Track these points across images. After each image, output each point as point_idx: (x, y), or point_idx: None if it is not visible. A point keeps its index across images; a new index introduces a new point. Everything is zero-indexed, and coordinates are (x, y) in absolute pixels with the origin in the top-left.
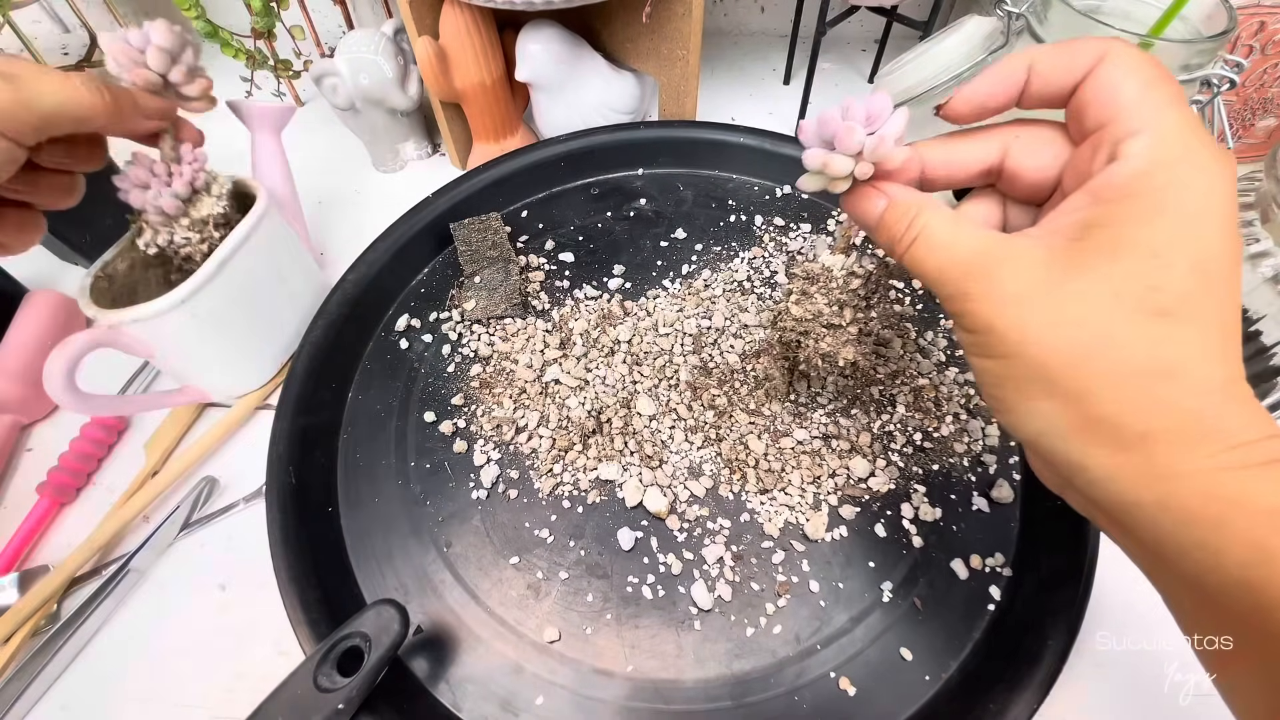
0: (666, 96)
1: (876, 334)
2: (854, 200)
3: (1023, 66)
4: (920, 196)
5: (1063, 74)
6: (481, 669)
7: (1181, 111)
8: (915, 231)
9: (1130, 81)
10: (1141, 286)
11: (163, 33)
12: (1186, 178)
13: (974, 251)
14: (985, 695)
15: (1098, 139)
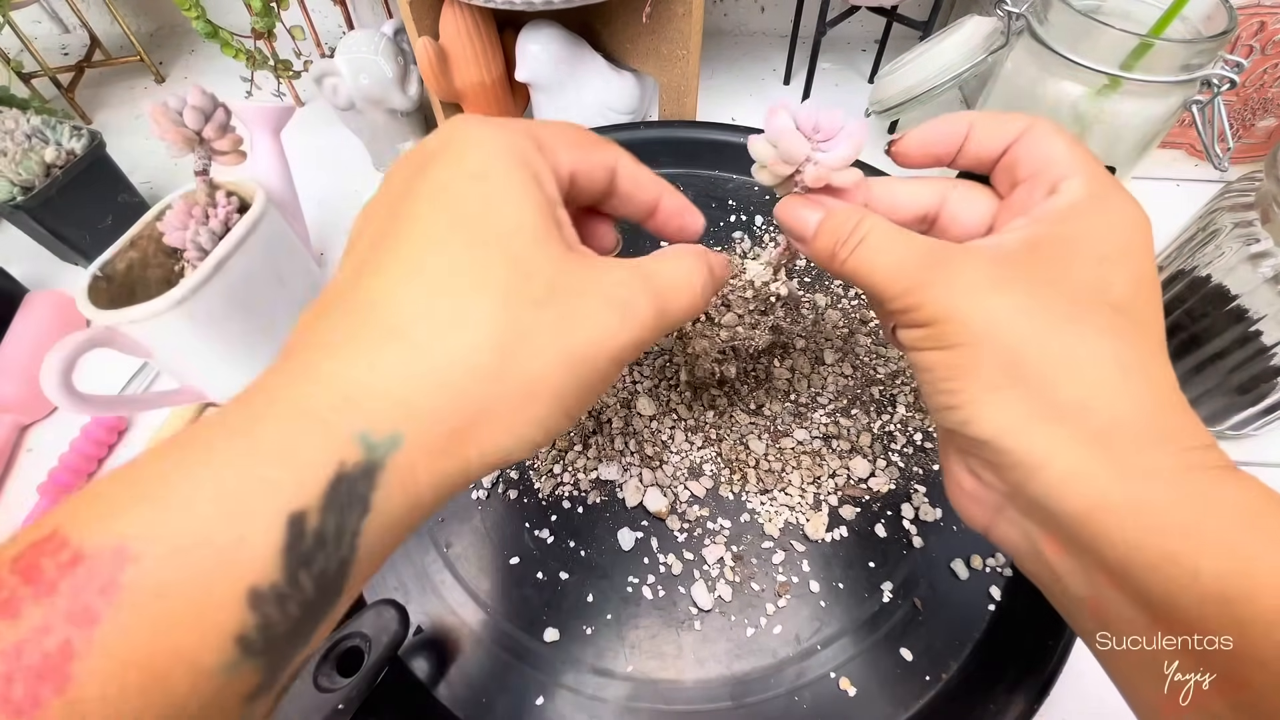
0: (666, 96)
1: None
2: (788, 208)
3: (964, 123)
4: (861, 208)
5: (996, 137)
6: (481, 669)
7: (1101, 167)
8: (859, 237)
9: (1057, 141)
10: (1096, 281)
11: (197, 95)
12: (1119, 208)
13: (925, 251)
14: (985, 695)
15: (1032, 183)
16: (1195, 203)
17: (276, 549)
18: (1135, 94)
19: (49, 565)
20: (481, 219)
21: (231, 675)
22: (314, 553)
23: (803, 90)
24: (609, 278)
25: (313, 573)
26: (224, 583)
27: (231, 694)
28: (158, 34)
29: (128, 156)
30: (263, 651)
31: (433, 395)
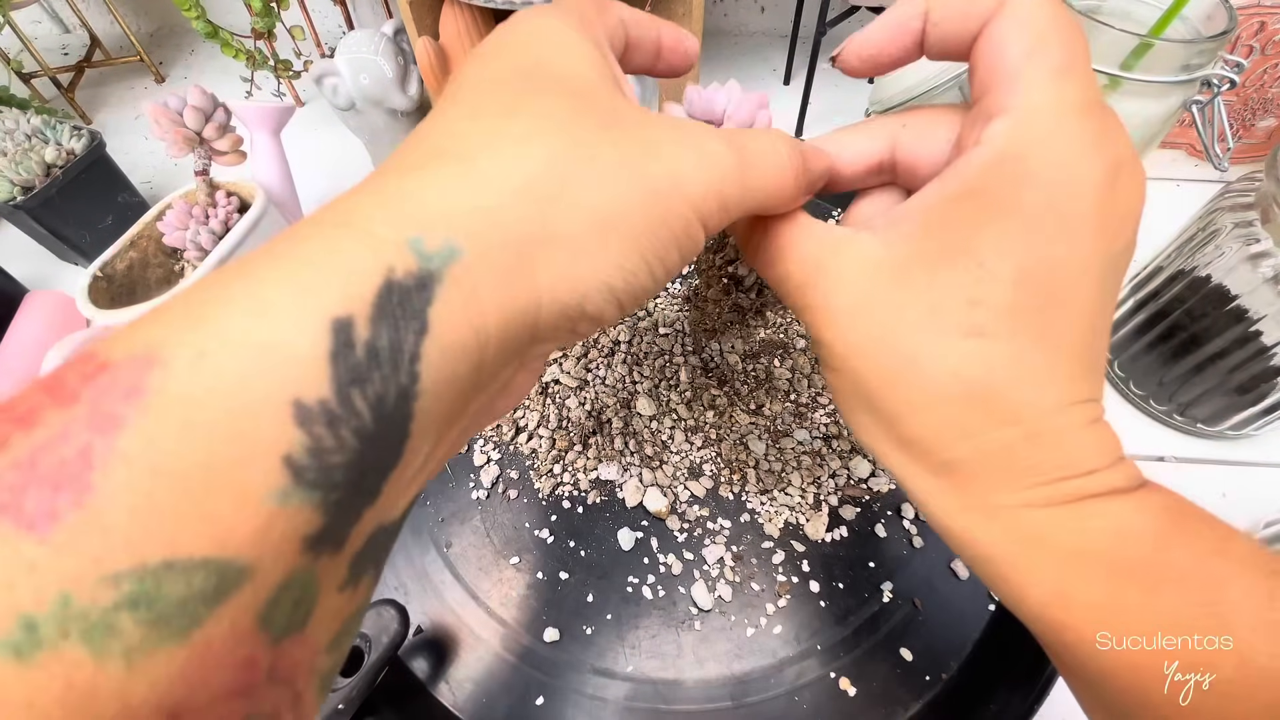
0: (666, 96)
1: None
2: None
3: (918, 13)
4: None
5: (959, 22)
6: (481, 669)
7: (1062, 84)
8: (760, 233)
9: (1016, 41)
10: (960, 301)
11: (197, 96)
12: (1038, 171)
13: (810, 255)
14: (985, 695)
15: (974, 115)
16: (1195, 203)
17: (322, 356)
18: (1135, 94)
19: (72, 376)
20: (539, 66)
21: (284, 506)
22: (367, 370)
23: (803, 90)
24: (682, 123)
25: (368, 396)
26: (263, 390)
27: (290, 534)
28: (158, 34)
29: (128, 156)
30: (317, 483)
31: (493, 211)
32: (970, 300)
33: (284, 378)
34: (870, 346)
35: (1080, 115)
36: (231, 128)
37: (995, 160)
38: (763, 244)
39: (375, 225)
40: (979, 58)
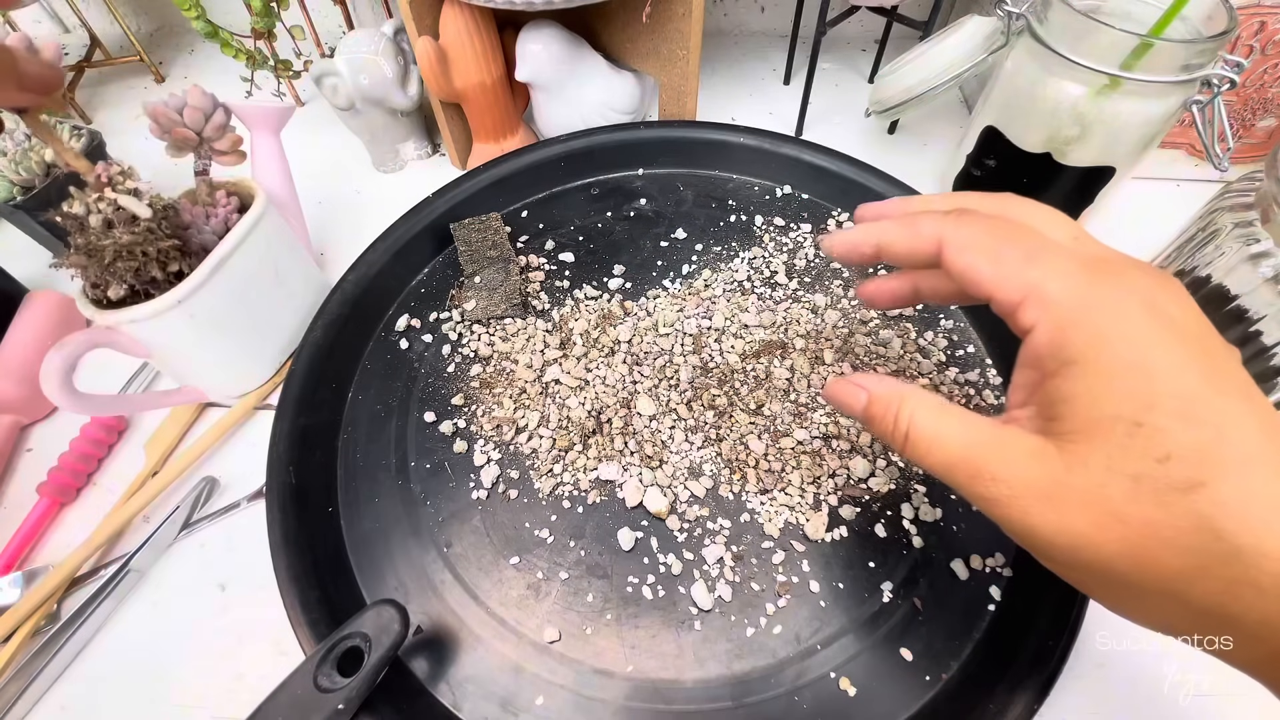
0: (666, 96)
1: (875, 334)
2: (835, 393)
3: (870, 244)
4: (897, 387)
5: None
6: (481, 669)
7: (1047, 266)
8: (904, 428)
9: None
10: (1150, 462)
11: (196, 95)
12: (1100, 327)
13: (966, 446)
14: (985, 695)
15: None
16: (1195, 203)
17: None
18: (1135, 94)
19: None
20: None
21: None
22: None
23: (803, 90)
24: None
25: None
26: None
27: None
28: (158, 34)
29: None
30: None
31: None
32: (1159, 458)
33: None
34: (1098, 534)
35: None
36: (231, 128)
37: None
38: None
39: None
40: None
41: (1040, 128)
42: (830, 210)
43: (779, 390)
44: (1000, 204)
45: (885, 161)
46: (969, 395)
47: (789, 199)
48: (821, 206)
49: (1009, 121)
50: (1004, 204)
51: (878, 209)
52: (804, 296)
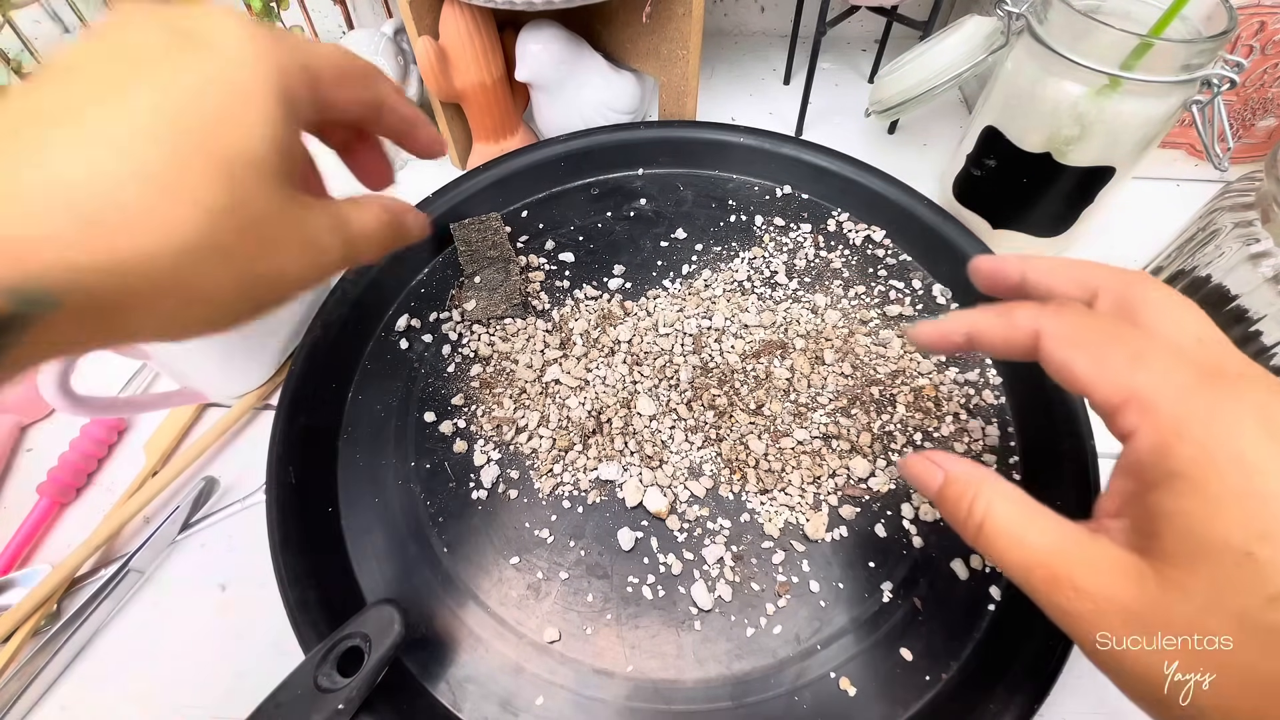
0: (666, 96)
1: (876, 335)
2: (911, 470)
3: (961, 333)
4: (976, 472)
5: (1006, 350)
6: (481, 669)
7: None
8: (979, 517)
9: (1081, 360)
10: (1258, 600)
11: None
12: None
13: (1051, 552)
14: (985, 695)
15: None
16: (1195, 203)
17: None
18: (1135, 94)
19: None
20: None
21: None
22: None
23: (803, 90)
24: (312, 223)
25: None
26: None
27: None
28: None
29: None
30: None
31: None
32: (1271, 596)
33: None
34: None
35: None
36: None
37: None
38: (985, 527)
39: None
40: (1053, 373)
41: (1040, 128)
42: (830, 210)
43: (779, 390)
44: (1125, 284)
45: (885, 161)
46: (968, 395)
47: (789, 199)
48: (821, 206)
49: (1009, 121)
50: (1129, 285)
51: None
52: (804, 296)
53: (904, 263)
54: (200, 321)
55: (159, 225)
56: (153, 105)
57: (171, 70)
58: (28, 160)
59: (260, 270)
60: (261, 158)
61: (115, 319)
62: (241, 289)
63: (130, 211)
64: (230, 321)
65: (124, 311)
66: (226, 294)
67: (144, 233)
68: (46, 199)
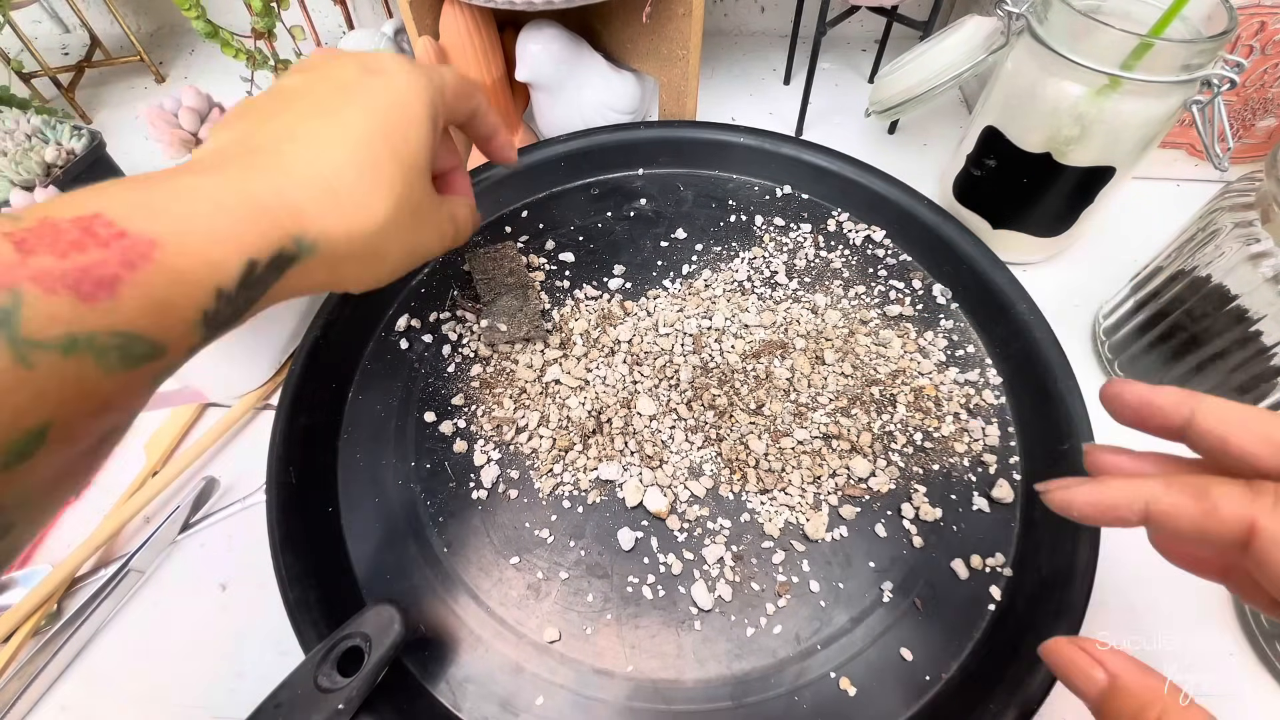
0: (666, 96)
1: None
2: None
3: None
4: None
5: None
6: (481, 669)
7: None
8: None
9: None
10: None
11: (191, 96)
12: None
13: None
14: (985, 695)
15: None
16: (1195, 203)
17: (238, 273)
18: (1135, 94)
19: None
20: (400, 139)
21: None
22: (253, 285)
23: (803, 90)
24: (442, 210)
25: (247, 296)
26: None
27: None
28: (158, 34)
29: (128, 156)
30: (212, 325)
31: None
32: None
33: (217, 275)
34: None
35: None
36: None
37: None
38: None
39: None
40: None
41: (1040, 128)
42: (830, 210)
43: (779, 390)
44: None
45: (885, 161)
46: (968, 395)
47: (789, 199)
48: (821, 206)
49: (1009, 121)
50: None
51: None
52: (804, 296)
53: (904, 263)
54: (375, 278)
55: (370, 204)
56: (360, 119)
57: (368, 95)
58: (297, 157)
59: (415, 242)
60: (422, 160)
61: (336, 269)
62: (405, 255)
63: (357, 194)
64: (390, 278)
65: (342, 263)
66: (396, 258)
67: (363, 208)
68: (311, 182)
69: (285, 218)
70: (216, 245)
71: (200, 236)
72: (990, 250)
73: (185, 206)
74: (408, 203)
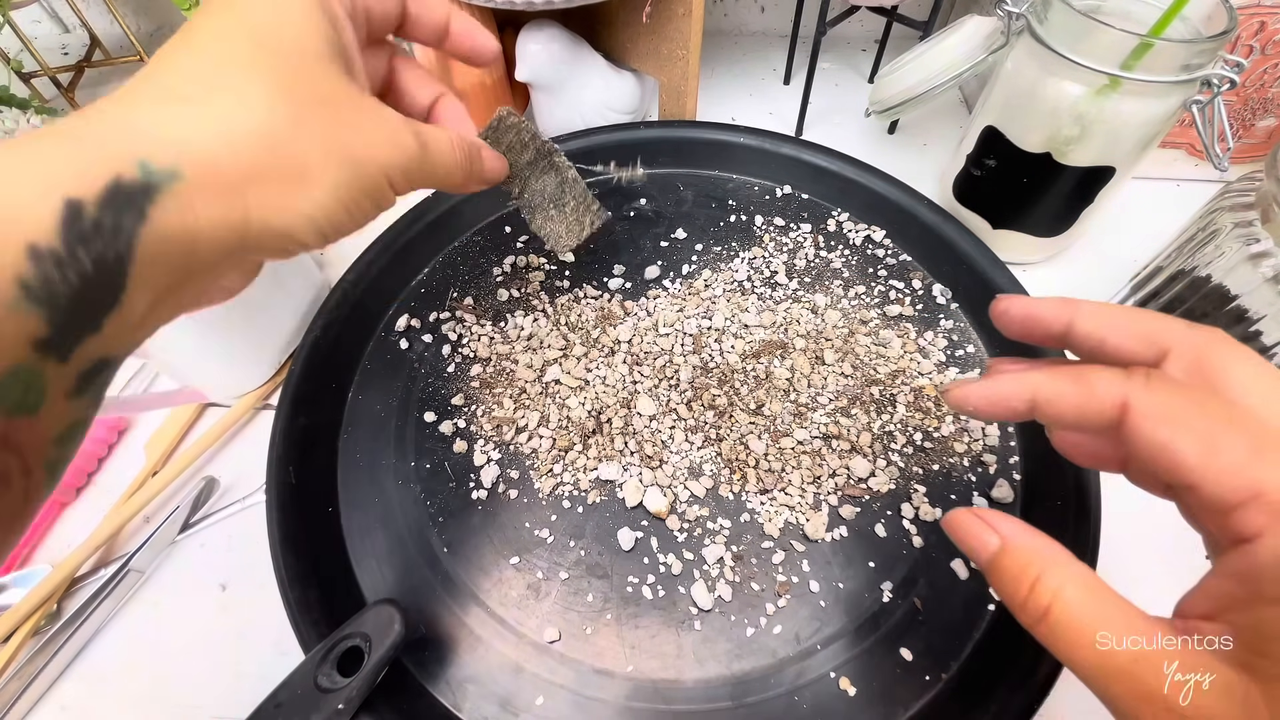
0: (666, 96)
1: (876, 336)
2: (957, 525)
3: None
4: (1044, 546)
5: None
6: (481, 669)
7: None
8: (1043, 601)
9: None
10: None
11: None
12: None
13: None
14: (985, 695)
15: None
16: (1195, 203)
17: (54, 220)
18: (1135, 94)
19: None
20: (270, 29)
21: (15, 312)
22: (91, 235)
23: (803, 90)
24: (383, 111)
25: (90, 252)
26: (5, 236)
27: (20, 335)
28: (158, 34)
29: None
30: (43, 301)
31: (210, 146)
32: None
33: (24, 229)
34: None
35: None
36: None
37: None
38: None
39: (108, 139)
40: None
41: (1040, 128)
42: (830, 210)
43: (779, 390)
44: (1202, 344)
45: (885, 161)
46: None
47: (789, 199)
48: (821, 206)
49: (1009, 121)
50: (1208, 346)
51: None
52: (804, 296)
53: (904, 263)
54: (317, 206)
55: (241, 94)
56: (214, 22)
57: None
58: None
59: (347, 143)
60: (312, 46)
61: (241, 194)
62: (341, 163)
63: (218, 89)
64: (346, 209)
65: (246, 186)
66: (328, 171)
67: (232, 103)
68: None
69: (116, 140)
70: (17, 192)
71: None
72: (990, 250)
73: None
74: (304, 93)
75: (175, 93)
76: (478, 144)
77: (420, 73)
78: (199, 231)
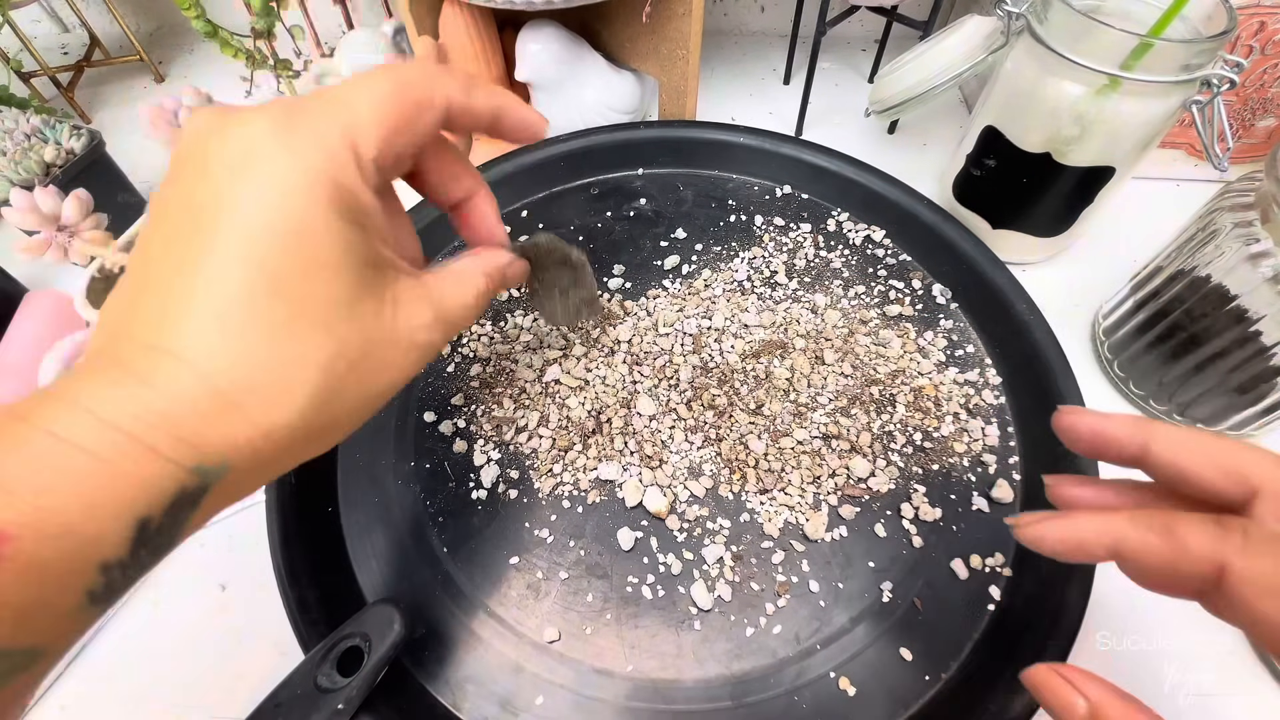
0: (666, 96)
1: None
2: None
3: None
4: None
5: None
6: (481, 669)
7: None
8: None
9: None
10: None
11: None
12: None
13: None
14: (985, 695)
15: None
16: (1195, 203)
17: (126, 540)
18: (1135, 94)
19: None
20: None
21: (79, 615)
22: (154, 540)
23: (803, 90)
24: (413, 323)
25: (150, 550)
26: (84, 561)
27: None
28: (158, 34)
29: (127, 156)
30: (105, 599)
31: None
32: None
33: (100, 552)
34: None
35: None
36: None
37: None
38: None
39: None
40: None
41: (1040, 128)
42: (830, 210)
43: (779, 390)
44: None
45: (885, 161)
46: (968, 395)
47: (789, 199)
48: (821, 206)
49: (1009, 121)
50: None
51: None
52: (804, 296)
53: (904, 263)
54: (334, 440)
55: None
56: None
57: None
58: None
59: (373, 386)
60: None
61: (274, 466)
62: (363, 406)
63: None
64: (355, 427)
65: (280, 459)
66: (353, 415)
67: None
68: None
69: (173, 448)
70: (91, 516)
71: (69, 512)
72: (990, 250)
73: (43, 474)
74: (342, 353)
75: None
76: (502, 267)
77: (451, 158)
78: (238, 497)
